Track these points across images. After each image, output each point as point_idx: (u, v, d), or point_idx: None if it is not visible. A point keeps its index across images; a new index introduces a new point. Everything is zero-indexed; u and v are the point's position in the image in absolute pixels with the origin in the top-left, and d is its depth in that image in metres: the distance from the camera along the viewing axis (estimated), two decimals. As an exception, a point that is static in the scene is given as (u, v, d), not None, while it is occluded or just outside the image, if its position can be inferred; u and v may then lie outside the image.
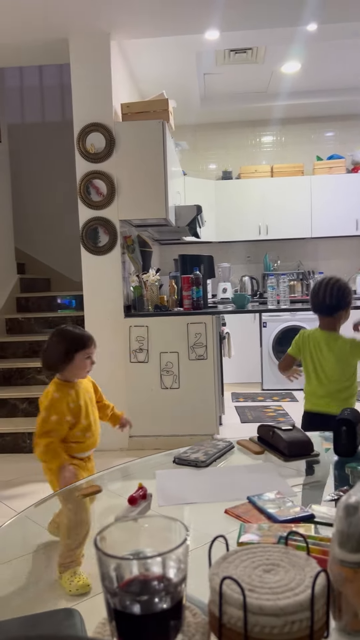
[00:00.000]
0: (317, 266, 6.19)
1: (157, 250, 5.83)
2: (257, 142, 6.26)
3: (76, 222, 3.89)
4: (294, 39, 4.04)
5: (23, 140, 5.99)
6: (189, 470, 1.28)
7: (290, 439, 1.30)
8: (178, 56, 4.33)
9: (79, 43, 3.77)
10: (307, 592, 0.63)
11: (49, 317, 5.00)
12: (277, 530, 0.91)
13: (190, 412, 3.87)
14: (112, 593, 0.62)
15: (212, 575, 0.68)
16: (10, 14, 3.44)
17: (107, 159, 3.80)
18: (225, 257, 6.25)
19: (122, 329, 3.87)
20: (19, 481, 3.37)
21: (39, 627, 0.80)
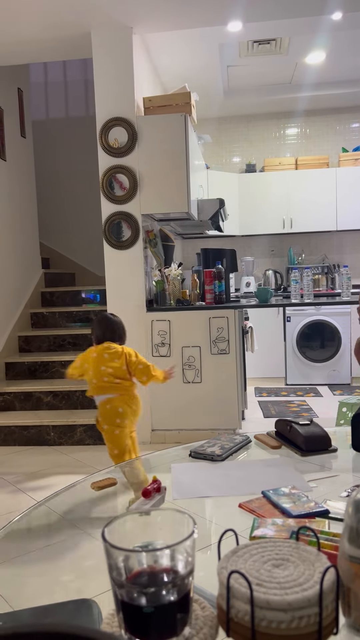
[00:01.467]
0: (342, 260, 6.10)
1: (179, 245, 5.82)
2: (281, 135, 6.19)
3: (100, 217, 3.91)
4: (318, 29, 3.98)
5: (47, 136, 6.04)
6: (205, 464, 1.27)
7: (307, 434, 1.29)
8: (201, 49, 4.30)
9: (101, 37, 3.78)
10: (315, 587, 0.62)
11: (74, 311, 5.04)
12: (290, 525, 0.90)
13: (212, 406, 3.87)
14: (119, 585, 0.62)
15: (220, 569, 0.67)
16: (34, 10, 3.46)
17: (129, 153, 3.80)
18: (248, 251, 6.21)
19: (144, 323, 3.89)
20: (44, 473, 3.42)
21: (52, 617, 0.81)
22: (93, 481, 1.21)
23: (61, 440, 3.97)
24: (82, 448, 3.90)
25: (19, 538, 1.06)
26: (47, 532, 1.10)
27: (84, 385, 4.22)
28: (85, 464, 3.57)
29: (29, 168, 5.40)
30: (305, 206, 5.78)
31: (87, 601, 0.83)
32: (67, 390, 4.22)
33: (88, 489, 1.21)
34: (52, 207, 6.08)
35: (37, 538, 1.07)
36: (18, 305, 4.96)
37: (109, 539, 0.63)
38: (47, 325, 5.07)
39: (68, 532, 1.06)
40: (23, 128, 5.25)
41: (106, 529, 0.64)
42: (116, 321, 2.89)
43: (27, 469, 3.50)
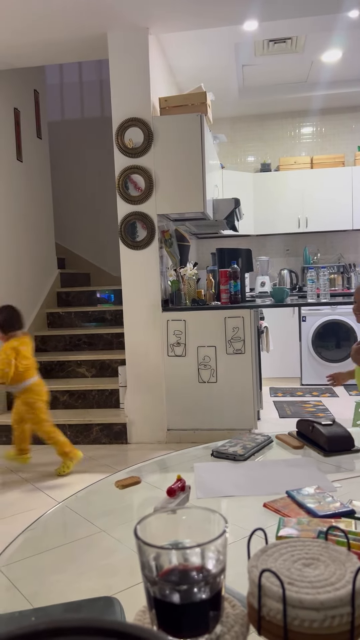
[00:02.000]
0: (358, 259, 6.06)
1: (194, 244, 5.83)
2: (296, 134, 6.17)
3: (115, 217, 3.93)
4: (334, 27, 3.95)
5: (63, 137, 6.07)
6: (227, 464, 1.28)
7: (330, 434, 1.29)
8: (216, 48, 4.30)
9: (117, 38, 3.79)
10: (347, 587, 0.62)
11: (89, 311, 5.07)
12: (316, 525, 0.90)
13: (227, 406, 3.87)
14: (151, 582, 0.63)
15: (251, 567, 0.68)
16: (50, 12, 3.49)
17: (145, 154, 3.81)
18: (263, 251, 6.19)
19: (159, 323, 3.90)
20: (60, 472, 3.44)
21: (81, 612, 0.81)
22: (116, 479, 1.22)
23: (77, 439, 3.99)
24: (98, 447, 3.92)
25: (39, 537, 1.07)
26: (67, 530, 1.11)
27: (99, 385, 4.25)
28: (101, 463, 3.59)
29: (45, 169, 5.43)
30: (320, 205, 5.75)
31: (109, 599, 0.84)
32: (83, 390, 4.24)
33: (108, 488, 1.21)
34: (67, 207, 6.11)
35: (57, 537, 1.08)
36: (34, 305, 5.00)
37: (141, 536, 0.63)
38: (63, 325, 5.11)
39: (88, 531, 1.06)
40: (39, 129, 5.29)
41: (138, 526, 0.65)
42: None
43: (44, 468, 3.53)
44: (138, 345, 3.95)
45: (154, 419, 3.95)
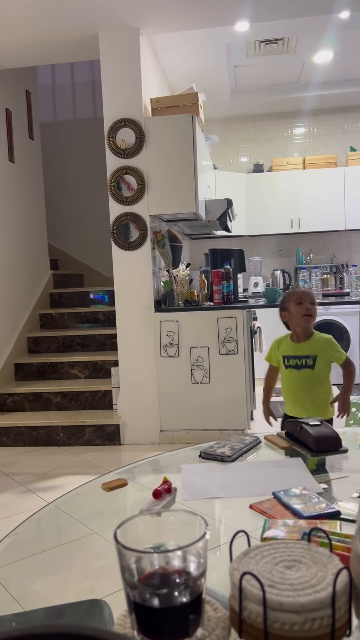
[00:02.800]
0: (350, 259, 6.08)
1: (187, 245, 5.82)
2: (288, 134, 6.18)
3: (107, 218, 3.92)
4: (326, 28, 3.96)
5: (55, 138, 6.06)
6: (215, 465, 1.27)
7: (318, 435, 1.29)
8: (208, 49, 4.30)
9: (108, 38, 3.78)
10: (328, 589, 0.62)
11: (82, 312, 5.06)
12: (302, 527, 0.90)
13: (221, 406, 3.87)
14: (131, 586, 0.62)
15: (232, 570, 0.67)
16: (40, 12, 3.48)
17: (137, 154, 3.81)
18: (256, 251, 6.20)
19: (152, 324, 3.89)
20: (53, 473, 3.43)
21: (65, 617, 0.81)
22: (103, 482, 1.21)
23: (70, 440, 3.98)
24: (91, 448, 3.91)
25: (30, 538, 1.07)
26: (57, 532, 1.10)
27: (92, 386, 4.24)
28: (94, 464, 3.58)
29: (37, 170, 5.42)
30: (313, 206, 5.76)
31: (98, 602, 0.84)
32: (76, 391, 4.23)
33: (98, 490, 1.21)
34: (60, 208, 6.10)
35: (47, 538, 1.08)
36: (27, 306, 4.98)
37: (121, 540, 0.63)
38: (56, 326, 5.09)
39: (78, 533, 1.06)
40: (31, 130, 5.27)
41: (118, 530, 0.64)
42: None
43: (36, 470, 3.52)
44: (131, 346, 3.94)
45: (147, 420, 3.94)
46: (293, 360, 2.27)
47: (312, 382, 2.27)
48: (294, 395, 2.31)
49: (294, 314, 2.26)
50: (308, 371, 2.26)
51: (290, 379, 2.30)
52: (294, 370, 2.28)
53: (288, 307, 2.29)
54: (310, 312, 2.25)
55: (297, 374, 2.27)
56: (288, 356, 2.29)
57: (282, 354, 2.31)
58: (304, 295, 2.27)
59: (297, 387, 2.29)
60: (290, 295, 2.30)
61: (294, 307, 2.26)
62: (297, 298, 2.25)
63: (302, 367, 2.26)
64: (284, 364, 2.30)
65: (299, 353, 2.27)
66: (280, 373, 2.40)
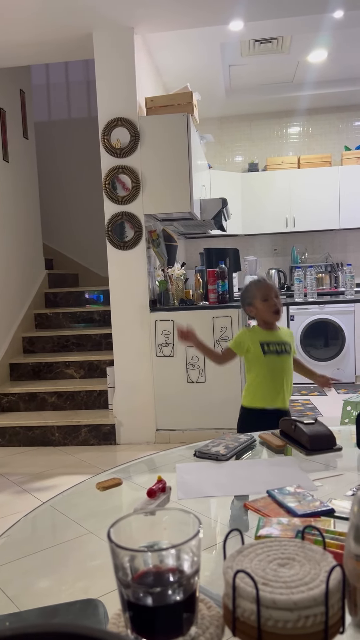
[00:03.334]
0: (345, 258, 6.09)
1: (182, 244, 5.82)
2: (283, 134, 6.19)
3: (102, 218, 3.92)
4: (320, 27, 3.97)
5: (49, 137, 6.05)
6: (210, 464, 1.27)
7: (312, 433, 1.29)
8: (202, 48, 4.30)
9: (103, 38, 3.78)
10: (321, 586, 0.62)
11: (77, 312, 5.05)
12: (296, 525, 0.90)
13: (216, 406, 3.87)
14: (125, 585, 0.62)
15: (226, 568, 0.68)
16: (34, 12, 3.47)
17: (132, 154, 3.80)
18: (251, 250, 6.21)
19: (147, 323, 3.89)
20: (48, 474, 3.43)
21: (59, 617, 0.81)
22: (98, 481, 1.21)
23: (66, 440, 3.97)
24: (86, 448, 3.90)
25: (24, 538, 1.07)
26: (53, 532, 1.10)
27: (88, 386, 4.24)
28: (90, 464, 3.58)
29: (32, 169, 5.41)
30: (308, 205, 5.77)
31: (93, 601, 0.84)
32: (71, 391, 4.23)
33: (93, 489, 1.21)
34: (55, 208, 6.09)
35: (42, 538, 1.07)
36: (22, 306, 4.97)
37: (114, 539, 0.63)
38: (51, 326, 5.08)
39: (73, 532, 1.06)
40: (25, 129, 5.26)
41: (112, 529, 0.64)
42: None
43: (31, 470, 3.51)
44: (126, 345, 3.94)
45: (142, 419, 3.94)
46: (273, 346, 2.25)
47: (290, 367, 2.29)
48: (275, 383, 2.25)
49: (262, 311, 2.27)
50: (286, 357, 2.27)
51: (271, 366, 2.24)
52: (274, 356, 2.24)
53: (254, 303, 2.29)
54: (278, 307, 2.27)
55: (277, 360, 2.25)
56: (267, 342, 2.25)
57: (260, 341, 2.26)
58: (269, 290, 2.27)
59: (278, 373, 2.25)
60: (255, 292, 2.29)
61: (261, 304, 2.27)
62: (263, 295, 2.26)
63: (282, 352, 2.25)
64: (263, 350, 2.24)
65: (277, 339, 2.28)
66: (248, 364, 2.34)
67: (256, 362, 2.27)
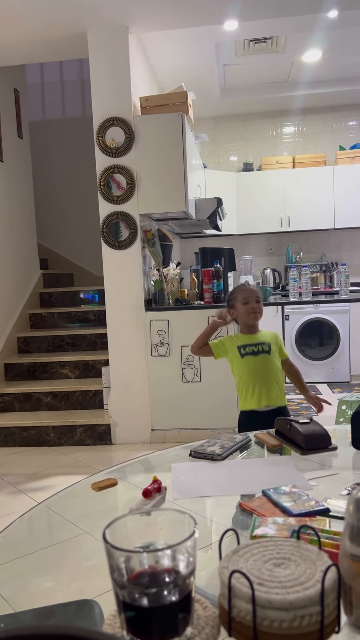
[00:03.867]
0: (340, 257, 6.11)
1: (177, 244, 5.82)
2: (278, 133, 6.19)
3: (97, 217, 3.91)
4: (314, 27, 3.97)
5: (44, 137, 6.03)
6: (205, 464, 1.27)
7: (307, 432, 1.29)
8: (197, 48, 4.30)
9: (97, 37, 3.77)
10: (317, 586, 0.62)
11: (72, 311, 5.04)
12: (291, 524, 0.90)
13: (211, 405, 3.87)
14: (120, 585, 0.62)
15: (221, 568, 0.67)
16: (29, 11, 3.46)
17: (126, 153, 3.80)
18: (246, 250, 6.21)
19: (143, 323, 3.89)
20: (44, 474, 3.42)
21: (54, 618, 0.81)
22: (93, 481, 1.21)
23: (61, 440, 3.96)
24: (81, 448, 3.90)
25: (20, 539, 1.06)
26: (48, 532, 1.10)
27: (83, 386, 4.23)
28: (85, 464, 3.57)
29: (26, 169, 5.39)
30: (302, 204, 5.78)
31: (88, 602, 0.83)
32: (66, 391, 4.22)
33: (88, 489, 1.21)
34: (49, 207, 6.07)
35: (38, 539, 1.07)
36: (16, 306, 4.95)
37: (110, 540, 0.63)
38: (46, 325, 5.07)
39: (69, 533, 1.06)
40: (20, 129, 5.24)
41: (107, 530, 0.64)
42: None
43: (27, 470, 3.50)
44: (121, 345, 3.94)
45: (138, 419, 3.94)
46: (249, 348, 2.33)
47: (271, 365, 2.34)
48: (255, 383, 2.32)
49: (241, 313, 2.36)
50: (265, 356, 2.33)
51: (249, 367, 2.32)
52: (251, 357, 2.32)
53: (235, 305, 2.38)
54: (256, 310, 2.35)
55: (254, 360, 2.32)
56: (244, 345, 2.34)
57: (237, 345, 2.35)
58: (250, 294, 2.36)
59: (257, 372, 2.32)
60: (237, 294, 2.39)
61: (241, 306, 2.35)
62: (244, 298, 2.35)
63: (259, 352, 2.32)
64: (240, 353, 2.33)
65: (254, 341, 2.35)
66: (233, 370, 2.42)
67: (237, 366, 2.36)
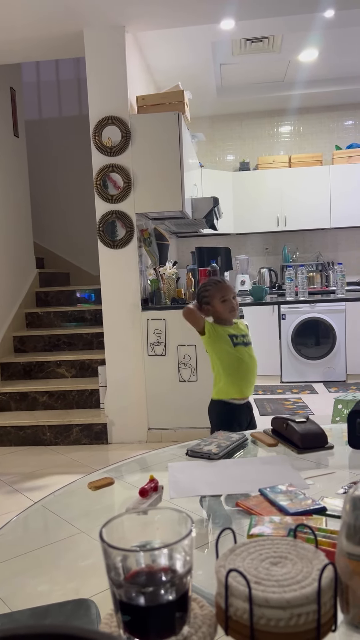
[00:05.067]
0: (336, 257, 6.12)
1: (174, 243, 5.82)
2: (274, 133, 6.20)
3: (94, 216, 3.91)
4: (311, 26, 3.98)
5: (40, 135, 6.02)
6: (202, 463, 1.27)
7: (303, 431, 1.29)
8: (193, 47, 4.30)
9: (94, 36, 3.76)
10: (313, 585, 0.63)
11: (69, 311, 5.03)
12: (288, 523, 0.91)
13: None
14: (117, 585, 0.62)
15: (218, 567, 0.67)
16: (25, 9, 3.45)
17: (123, 152, 3.79)
18: (243, 249, 6.21)
19: (139, 322, 3.88)
20: (40, 473, 3.41)
21: (51, 617, 0.80)
22: (90, 481, 1.21)
23: (57, 440, 3.96)
24: (78, 448, 3.89)
25: (16, 538, 1.06)
26: (45, 532, 1.10)
27: (79, 385, 4.22)
28: (81, 463, 3.57)
29: (22, 168, 5.38)
30: (299, 204, 5.79)
31: (85, 601, 0.83)
32: (62, 390, 4.21)
33: (85, 489, 1.20)
34: (46, 206, 6.06)
35: (34, 538, 1.07)
36: (12, 305, 4.94)
37: (106, 539, 0.63)
38: (42, 325, 5.06)
39: (65, 532, 1.05)
40: (16, 128, 5.23)
41: (104, 529, 0.64)
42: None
43: (23, 470, 3.49)
44: (118, 344, 3.93)
45: (134, 418, 3.94)
46: (241, 338, 2.34)
47: (255, 357, 2.37)
48: (244, 374, 2.33)
49: (221, 311, 2.34)
50: (251, 347, 2.36)
51: (241, 357, 2.32)
52: (242, 347, 2.33)
53: (212, 302, 2.34)
54: (235, 307, 2.35)
55: (246, 350, 2.33)
56: (235, 334, 2.33)
57: (228, 333, 2.33)
58: (228, 291, 2.34)
59: (247, 363, 2.33)
60: (214, 293, 2.34)
61: (220, 305, 2.33)
62: (222, 296, 2.32)
63: (248, 343, 2.35)
64: (233, 341, 2.32)
65: (240, 332, 2.36)
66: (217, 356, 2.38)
67: (225, 353, 2.33)
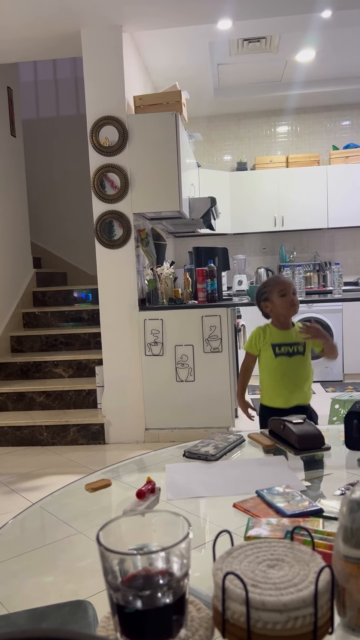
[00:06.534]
0: (333, 257, 6.12)
1: (171, 243, 5.82)
2: (272, 133, 6.20)
3: (91, 216, 3.90)
4: (308, 27, 3.98)
5: (38, 135, 6.01)
6: (199, 464, 1.27)
7: (301, 433, 1.29)
8: (191, 47, 4.29)
9: (91, 36, 3.76)
10: (310, 587, 0.63)
11: (66, 311, 5.03)
12: (285, 525, 0.91)
13: (205, 405, 3.87)
14: (115, 588, 0.62)
15: (215, 570, 0.68)
16: (22, 9, 3.44)
17: (120, 152, 3.79)
18: (240, 249, 6.22)
19: (136, 323, 3.88)
20: (37, 473, 3.41)
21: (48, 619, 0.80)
22: (87, 482, 1.21)
23: (54, 440, 3.96)
24: (75, 448, 3.89)
25: (14, 539, 1.06)
26: (42, 533, 1.10)
27: (76, 385, 4.22)
28: (78, 464, 3.56)
29: (20, 167, 5.37)
30: (296, 204, 5.79)
31: (82, 603, 0.83)
32: (59, 390, 4.21)
33: (82, 490, 1.20)
34: (43, 206, 6.05)
35: (31, 539, 1.07)
36: (9, 305, 4.93)
37: (103, 542, 0.63)
38: (39, 325, 5.05)
39: (63, 533, 1.05)
40: (13, 127, 5.22)
41: (101, 532, 0.64)
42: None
43: (20, 470, 3.49)
44: (115, 344, 3.93)
45: (131, 418, 3.93)
46: (285, 348, 2.23)
47: (304, 368, 2.25)
48: (286, 385, 2.22)
49: (279, 306, 2.24)
50: (300, 358, 2.23)
51: (282, 368, 2.22)
52: (285, 358, 2.23)
53: (271, 298, 2.26)
54: (295, 303, 2.24)
55: (288, 361, 2.22)
56: (279, 344, 2.23)
57: (271, 342, 2.25)
58: (287, 286, 2.25)
59: (289, 375, 2.23)
60: (273, 286, 2.26)
61: (278, 299, 2.23)
62: (281, 290, 2.23)
63: (294, 354, 2.22)
64: (275, 352, 2.23)
65: (290, 340, 2.24)
66: (261, 363, 2.31)
67: (268, 363, 2.25)
